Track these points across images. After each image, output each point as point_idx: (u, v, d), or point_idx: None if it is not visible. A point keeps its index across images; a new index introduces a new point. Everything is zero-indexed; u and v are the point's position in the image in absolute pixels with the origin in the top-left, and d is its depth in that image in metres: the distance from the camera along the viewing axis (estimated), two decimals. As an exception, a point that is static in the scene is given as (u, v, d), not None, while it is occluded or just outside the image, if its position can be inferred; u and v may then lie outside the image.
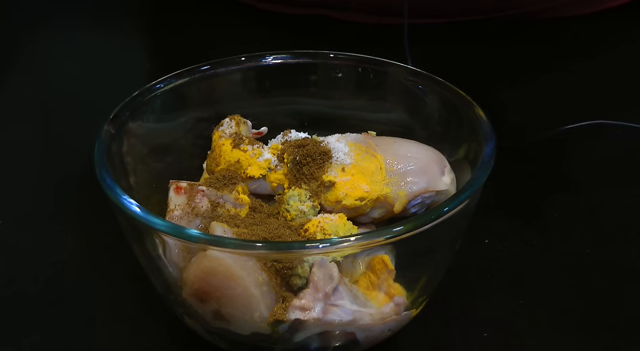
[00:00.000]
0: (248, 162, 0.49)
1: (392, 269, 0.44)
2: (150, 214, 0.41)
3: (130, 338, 0.49)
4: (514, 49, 0.80)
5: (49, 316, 0.51)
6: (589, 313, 0.51)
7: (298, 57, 0.55)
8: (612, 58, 0.80)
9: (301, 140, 0.49)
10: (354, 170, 0.48)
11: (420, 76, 0.52)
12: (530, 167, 0.63)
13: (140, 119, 0.50)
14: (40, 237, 0.57)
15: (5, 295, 0.53)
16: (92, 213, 0.58)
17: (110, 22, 0.88)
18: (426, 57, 0.69)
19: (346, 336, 0.44)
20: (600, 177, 0.63)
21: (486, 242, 0.56)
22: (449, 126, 0.51)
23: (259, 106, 0.54)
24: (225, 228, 0.44)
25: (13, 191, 0.62)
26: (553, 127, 0.65)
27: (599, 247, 0.56)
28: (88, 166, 0.46)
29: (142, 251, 0.44)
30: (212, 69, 0.53)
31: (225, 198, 0.47)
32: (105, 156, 0.45)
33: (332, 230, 0.45)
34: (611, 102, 0.71)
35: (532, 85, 0.75)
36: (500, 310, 0.51)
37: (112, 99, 0.50)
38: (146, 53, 0.86)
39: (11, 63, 0.80)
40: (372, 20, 0.83)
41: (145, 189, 0.47)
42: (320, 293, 0.42)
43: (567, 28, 0.83)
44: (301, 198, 0.47)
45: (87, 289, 0.53)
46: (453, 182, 0.49)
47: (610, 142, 0.66)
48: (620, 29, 0.84)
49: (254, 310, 0.42)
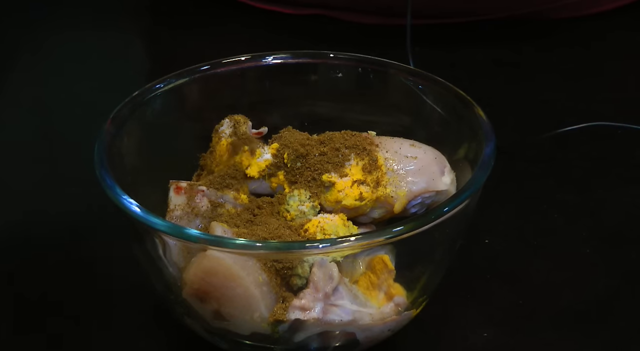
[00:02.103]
0: (248, 162, 0.49)
1: (392, 269, 0.44)
2: (150, 214, 0.41)
3: (130, 338, 0.49)
4: (515, 49, 0.80)
5: (49, 316, 0.51)
6: (588, 313, 0.51)
7: (298, 57, 0.55)
8: (613, 58, 0.80)
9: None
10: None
11: (420, 76, 0.52)
12: (530, 167, 0.63)
13: (140, 119, 0.50)
14: (40, 237, 0.57)
15: (5, 295, 0.53)
16: (91, 213, 0.58)
17: (110, 22, 0.88)
18: (427, 57, 0.69)
19: (346, 336, 0.44)
20: (600, 177, 0.63)
21: (486, 242, 0.56)
22: (449, 126, 0.51)
23: (259, 106, 0.54)
24: (225, 228, 0.44)
25: (13, 191, 0.62)
26: (553, 127, 0.65)
27: (599, 247, 0.56)
28: (88, 166, 0.46)
29: (142, 251, 0.44)
30: (212, 69, 0.53)
31: (225, 198, 0.47)
32: (105, 156, 0.45)
33: (332, 230, 0.45)
34: (611, 103, 0.71)
35: (533, 85, 0.75)
36: (500, 310, 0.51)
37: (112, 99, 0.50)
38: (146, 53, 0.86)
39: (11, 63, 0.80)
40: (373, 20, 0.83)
41: (145, 189, 0.47)
42: (320, 293, 0.42)
43: (568, 28, 0.83)
44: (301, 198, 0.47)
45: (87, 289, 0.53)
46: (453, 182, 0.49)
47: (611, 143, 0.66)
48: (621, 29, 0.84)
49: (254, 310, 0.42)
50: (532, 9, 0.82)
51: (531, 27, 0.83)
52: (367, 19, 0.83)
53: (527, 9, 0.81)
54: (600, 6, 0.84)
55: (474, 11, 0.81)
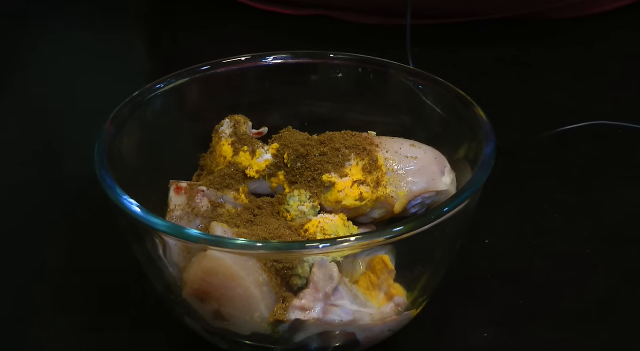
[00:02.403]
0: (248, 162, 0.49)
1: (392, 269, 0.44)
2: (150, 214, 0.41)
3: (130, 338, 0.49)
4: (515, 49, 0.80)
5: (48, 316, 0.51)
6: (588, 313, 0.51)
7: (298, 57, 0.55)
8: (613, 58, 0.80)
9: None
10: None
11: (420, 76, 0.52)
12: (530, 167, 0.63)
13: (140, 119, 0.50)
14: (40, 237, 0.57)
15: (5, 295, 0.53)
16: (91, 213, 0.58)
17: (111, 22, 0.88)
18: (427, 57, 0.69)
19: (346, 336, 0.44)
20: (600, 176, 0.63)
21: (486, 241, 0.56)
22: (449, 126, 0.51)
23: (259, 106, 0.54)
24: (225, 228, 0.44)
25: (13, 191, 0.62)
26: (553, 127, 0.65)
27: (599, 247, 0.56)
28: (88, 166, 0.46)
29: (142, 251, 0.44)
30: (212, 69, 0.53)
31: (225, 198, 0.47)
32: (105, 156, 0.45)
33: (332, 230, 0.45)
34: (612, 102, 0.71)
35: (533, 85, 0.75)
36: (500, 310, 0.51)
37: (112, 99, 0.50)
38: (146, 53, 0.86)
39: (11, 63, 0.80)
40: (373, 20, 0.83)
41: (145, 189, 0.47)
42: (320, 293, 0.42)
43: (569, 28, 0.83)
44: (301, 198, 0.47)
45: (87, 289, 0.53)
46: (453, 182, 0.49)
47: (611, 143, 0.66)
48: (623, 29, 0.84)
49: (254, 310, 0.42)
50: (533, 9, 0.82)
51: (532, 27, 0.83)
52: (367, 19, 0.83)
53: (528, 10, 0.81)
54: (602, 6, 0.84)
55: (475, 11, 0.81)
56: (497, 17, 0.81)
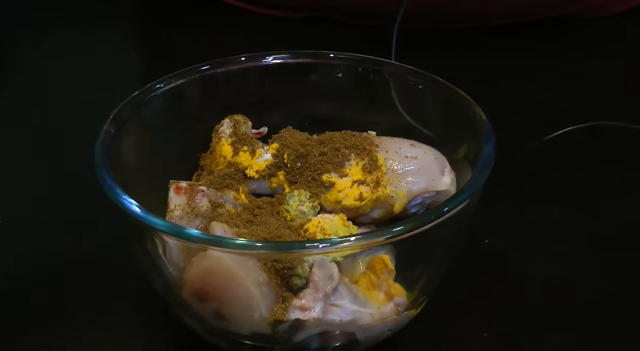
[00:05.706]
0: (248, 162, 0.49)
1: (392, 269, 0.44)
2: (150, 214, 0.41)
3: (130, 338, 0.49)
4: (515, 49, 0.80)
5: (48, 316, 0.51)
6: (588, 313, 0.51)
7: (298, 57, 0.55)
8: (613, 58, 0.80)
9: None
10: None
11: (420, 76, 0.52)
12: (530, 167, 0.63)
13: (140, 119, 0.50)
14: (40, 237, 0.57)
15: (5, 295, 0.53)
16: (91, 213, 0.58)
17: (111, 22, 0.88)
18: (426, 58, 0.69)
19: (346, 336, 0.44)
20: (600, 177, 0.63)
21: (486, 241, 0.56)
22: (449, 126, 0.51)
23: (259, 106, 0.54)
24: (225, 228, 0.44)
25: (13, 191, 0.62)
26: (553, 128, 0.65)
27: (599, 247, 0.56)
28: (88, 166, 0.46)
29: (142, 251, 0.44)
30: (212, 69, 0.53)
31: (225, 198, 0.47)
32: (105, 156, 0.45)
33: (332, 230, 0.45)
34: (612, 103, 0.71)
35: (533, 85, 0.75)
36: (500, 310, 0.51)
37: (112, 99, 0.50)
38: (146, 53, 0.86)
39: (11, 63, 0.80)
40: (373, 23, 0.83)
41: (145, 189, 0.47)
42: (320, 293, 0.42)
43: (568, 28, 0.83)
44: (301, 198, 0.47)
45: (87, 289, 0.53)
46: (453, 182, 0.49)
47: (611, 143, 0.66)
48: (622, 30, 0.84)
49: (254, 310, 0.42)
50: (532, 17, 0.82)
51: (532, 27, 0.83)
52: (367, 21, 0.83)
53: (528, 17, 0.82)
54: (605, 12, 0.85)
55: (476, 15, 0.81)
56: (497, 22, 0.81)
